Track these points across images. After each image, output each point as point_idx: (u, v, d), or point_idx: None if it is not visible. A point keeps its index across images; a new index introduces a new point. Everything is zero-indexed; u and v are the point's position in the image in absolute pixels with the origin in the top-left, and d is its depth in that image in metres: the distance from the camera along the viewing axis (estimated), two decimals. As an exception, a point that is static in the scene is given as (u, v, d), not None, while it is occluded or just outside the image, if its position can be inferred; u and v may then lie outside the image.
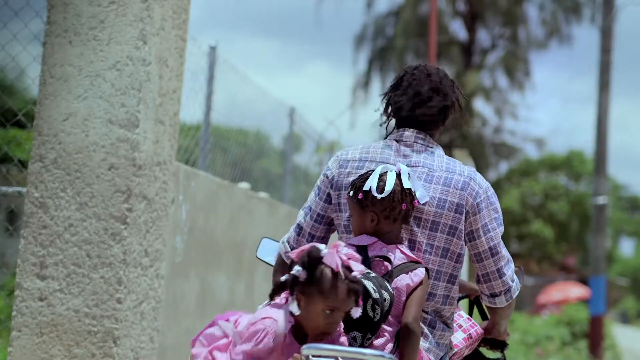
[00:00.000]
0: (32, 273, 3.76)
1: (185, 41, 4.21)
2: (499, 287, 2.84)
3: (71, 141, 3.78)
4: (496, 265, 2.81)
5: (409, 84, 2.87)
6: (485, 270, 2.82)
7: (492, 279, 2.83)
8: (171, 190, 4.17)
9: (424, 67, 2.92)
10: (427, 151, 2.83)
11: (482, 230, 2.78)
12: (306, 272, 2.45)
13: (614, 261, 46.18)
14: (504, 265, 2.82)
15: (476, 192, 2.78)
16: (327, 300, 2.43)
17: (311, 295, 2.45)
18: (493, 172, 29.72)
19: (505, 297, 2.86)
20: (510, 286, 2.85)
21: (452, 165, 2.82)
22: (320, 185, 2.90)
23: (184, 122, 6.04)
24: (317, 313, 2.45)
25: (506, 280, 2.83)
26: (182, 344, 5.32)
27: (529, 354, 14.29)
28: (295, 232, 2.93)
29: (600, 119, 15.73)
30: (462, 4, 27.84)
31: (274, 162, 9.38)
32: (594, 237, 15.65)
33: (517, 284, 2.90)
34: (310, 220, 2.90)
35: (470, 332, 3.00)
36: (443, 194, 2.75)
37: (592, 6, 26.17)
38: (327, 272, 2.44)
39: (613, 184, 39.86)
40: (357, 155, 2.85)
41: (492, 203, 2.81)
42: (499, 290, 2.84)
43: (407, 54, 27.23)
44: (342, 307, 2.45)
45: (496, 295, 2.86)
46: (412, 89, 2.86)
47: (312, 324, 2.47)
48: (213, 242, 5.82)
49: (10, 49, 4.70)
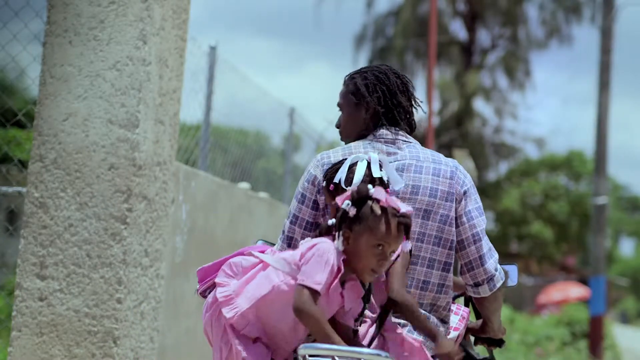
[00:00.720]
0: (32, 273, 3.76)
1: (185, 41, 4.21)
2: (481, 275, 2.84)
3: (71, 141, 3.78)
4: (478, 253, 2.83)
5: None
6: (468, 259, 2.84)
7: (474, 267, 2.84)
8: (171, 190, 4.17)
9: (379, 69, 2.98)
10: (409, 145, 2.88)
11: (466, 217, 2.82)
12: (355, 208, 2.48)
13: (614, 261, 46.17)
14: (486, 253, 2.84)
15: (462, 181, 2.85)
16: (376, 234, 2.48)
17: (360, 231, 2.49)
18: (493, 172, 29.73)
19: (489, 286, 2.86)
20: (493, 274, 2.86)
21: (437, 157, 2.88)
22: (305, 192, 2.85)
23: (184, 122, 6.04)
24: (367, 249, 2.49)
25: (488, 268, 2.84)
26: (182, 344, 5.32)
27: (529, 354, 14.29)
28: (285, 243, 2.87)
29: (600, 119, 15.72)
30: (462, 4, 27.84)
31: (274, 162, 9.38)
32: (594, 237, 15.64)
33: (501, 274, 2.90)
34: (299, 229, 2.84)
35: (461, 313, 3.01)
36: (434, 183, 2.80)
37: (592, 6, 26.18)
38: (377, 207, 2.49)
39: (613, 184, 39.86)
40: (340, 157, 2.82)
41: (474, 192, 2.88)
42: (482, 279, 2.85)
43: (407, 54, 27.24)
44: (391, 241, 2.50)
45: (479, 284, 2.86)
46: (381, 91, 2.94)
47: (362, 261, 2.50)
48: (213, 242, 5.82)
49: (10, 49, 4.70)
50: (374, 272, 2.52)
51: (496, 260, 2.89)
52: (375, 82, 2.90)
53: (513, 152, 29.60)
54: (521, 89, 27.78)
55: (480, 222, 2.84)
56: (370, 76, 2.91)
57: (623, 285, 46.95)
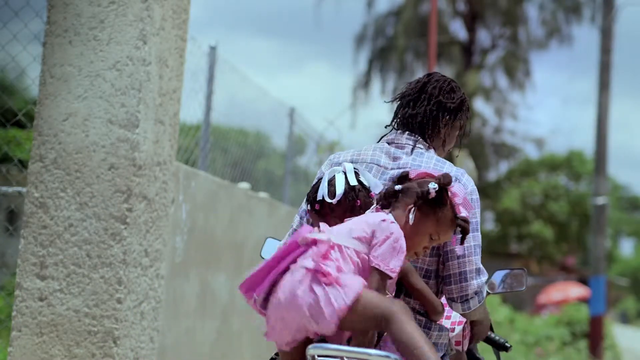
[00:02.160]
0: (32, 273, 3.76)
1: (185, 41, 4.21)
2: (458, 291, 2.73)
3: (71, 141, 3.78)
4: (459, 269, 2.72)
5: (409, 93, 2.96)
6: (452, 271, 2.73)
7: (452, 282, 2.73)
8: (171, 190, 4.17)
9: (435, 76, 2.98)
10: (416, 153, 2.85)
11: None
12: (437, 192, 2.53)
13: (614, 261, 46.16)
14: (469, 271, 2.72)
15: (465, 187, 2.78)
16: (440, 225, 2.54)
17: (429, 215, 2.53)
18: (493, 172, 29.72)
19: (462, 307, 2.76)
20: (469, 297, 2.74)
21: (440, 166, 2.82)
22: None
23: (184, 122, 6.04)
24: (425, 234, 2.54)
25: (466, 287, 2.72)
26: (182, 344, 5.32)
27: (529, 354, 14.29)
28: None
29: (600, 119, 15.73)
30: (462, 4, 27.84)
31: (274, 162, 9.38)
32: (594, 237, 15.64)
33: (481, 296, 2.78)
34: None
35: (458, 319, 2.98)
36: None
37: (592, 6, 26.17)
38: (450, 201, 2.56)
39: (613, 184, 39.85)
40: (349, 158, 2.86)
41: (472, 207, 2.76)
42: (456, 296, 2.74)
43: (408, 54, 27.24)
44: (444, 238, 2.57)
45: (453, 300, 2.76)
46: (409, 96, 2.94)
47: (414, 242, 2.53)
48: (213, 242, 5.82)
49: (10, 49, 4.70)
50: (416, 256, 2.57)
51: (479, 285, 2.75)
52: (405, 88, 2.96)
53: (513, 152, 29.60)
54: (521, 89, 27.78)
55: (475, 237, 2.74)
56: (409, 84, 2.97)
57: (623, 285, 46.95)
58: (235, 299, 6.25)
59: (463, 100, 2.93)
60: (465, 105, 2.94)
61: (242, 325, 6.39)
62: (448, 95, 2.92)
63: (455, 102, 2.92)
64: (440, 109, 2.90)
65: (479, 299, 2.77)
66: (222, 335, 6.02)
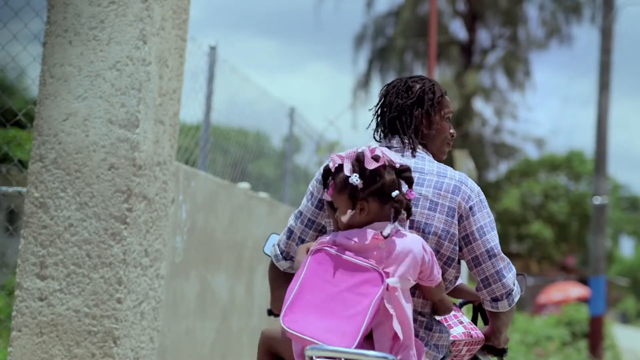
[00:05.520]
0: (32, 273, 3.76)
1: (185, 41, 4.21)
2: (500, 290, 2.80)
3: (71, 141, 3.78)
4: (495, 268, 2.78)
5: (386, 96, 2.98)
6: (485, 274, 2.79)
7: (492, 282, 2.79)
8: (171, 190, 4.17)
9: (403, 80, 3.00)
10: (417, 157, 2.84)
11: (478, 233, 2.76)
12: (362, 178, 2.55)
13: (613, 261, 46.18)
14: (504, 267, 2.79)
15: (468, 196, 2.77)
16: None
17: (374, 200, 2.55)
18: (493, 172, 29.74)
19: (508, 301, 2.83)
20: (512, 289, 2.82)
21: (443, 170, 2.82)
22: (313, 190, 2.86)
23: (184, 122, 6.04)
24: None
25: (507, 282, 2.80)
26: (182, 343, 5.32)
27: (529, 354, 14.29)
28: (286, 235, 2.90)
29: (600, 119, 15.73)
30: (462, 4, 27.86)
31: (274, 162, 9.38)
32: (594, 237, 15.65)
33: (518, 288, 2.88)
34: (300, 225, 2.86)
35: (471, 332, 3.00)
36: (434, 197, 2.74)
37: (592, 6, 26.20)
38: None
39: (613, 184, 39.86)
40: None
41: (485, 207, 2.80)
42: (500, 294, 2.81)
43: (407, 54, 27.26)
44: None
45: (498, 299, 2.82)
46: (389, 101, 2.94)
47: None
48: (213, 242, 5.82)
49: (10, 49, 4.70)
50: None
51: (514, 275, 2.84)
52: (390, 90, 2.95)
53: (513, 152, 29.63)
54: (521, 89, 27.81)
55: (493, 237, 2.78)
56: (393, 86, 2.97)
57: (623, 285, 46.95)
58: (235, 299, 6.25)
59: (423, 90, 2.91)
60: (428, 94, 2.91)
61: (242, 325, 6.39)
62: (405, 94, 2.92)
63: (414, 96, 2.90)
64: (404, 109, 2.90)
65: (518, 290, 2.88)
66: (221, 335, 6.02)
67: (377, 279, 2.40)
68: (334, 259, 2.44)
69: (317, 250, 2.47)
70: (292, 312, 2.40)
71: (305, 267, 2.45)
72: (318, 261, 2.45)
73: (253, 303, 6.59)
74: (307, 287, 2.42)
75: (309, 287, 2.41)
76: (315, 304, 2.40)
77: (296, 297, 2.41)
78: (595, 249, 15.59)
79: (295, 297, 2.41)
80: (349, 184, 2.49)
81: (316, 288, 2.41)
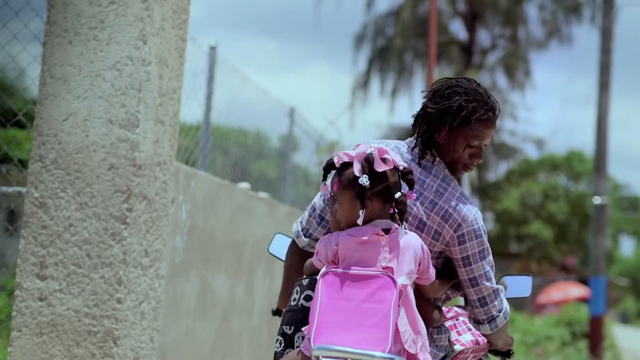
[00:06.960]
0: (32, 273, 3.76)
1: (185, 41, 4.21)
2: (481, 315, 2.81)
3: (71, 141, 3.78)
4: (477, 295, 2.77)
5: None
6: (468, 297, 2.81)
7: (474, 307, 2.80)
8: (171, 190, 4.17)
9: (454, 81, 2.82)
10: (423, 166, 2.77)
11: (462, 262, 2.72)
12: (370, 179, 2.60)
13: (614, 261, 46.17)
14: (487, 296, 2.77)
15: (458, 224, 2.69)
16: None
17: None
18: (493, 173, 29.74)
19: (490, 326, 2.82)
20: (494, 316, 2.81)
21: (443, 189, 2.73)
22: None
23: (184, 122, 6.03)
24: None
25: (489, 310, 2.79)
26: (182, 344, 5.32)
27: (529, 354, 14.29)
28: (308, 212, 2.92)
29: (600, 119, 15.72)
30: (462, 4, 27.85)
31: (274, 162, 9.37)
32: (594, 237, 15.64)
33: (506, 312, 2.85)
34: (322, 203, 2.87)
35: (478, 339, 2.99)
36: (424, 217, 2.70)
37: (592, 6, 26.19)
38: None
39: (613, 184, 39.85)
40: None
41: (477, 236, 2.71)
42: (482, 318, 2.82)
43: (407, 54, 27.25)
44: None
45: (480, 322, 2.83)
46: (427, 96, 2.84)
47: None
48: (213, 242, 5.82)
49: (10, 49, 4.69)
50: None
51: (501, 302, 2.81)
52: (438, 87, 2.80)
53: (513, 153, 29.63)
54: (521, 89, 27.81)
55: (479, 267, 2.73)
56: (443, 84, 2.80)
57: (623, 285, 46.95)
58: (235, 299, 6.25)
59: (459, 105, 2.70)
60: (462, 111, 2.70)
61: (242, 325, 6.39)
62: (439, 98, 2.76)
63: (439, 109, 2.74)
64: (428, 115, 2.77)
65: (505, 314, 2.85)
66: (221, 335, 6.02)
67: (389, 282, 2.45)
68: (343, 277, 2.49)
69: (324, 274, 2.52)
70: (321, 335, 2.43)
71: (320, 293, 2.49)
72: (329, 284, 2.50)
73: (253, 303, 6.59)
74: (326, 311, 2.46)
75: (328, 311, 2.46)
76: (339, 323, 2.44)
77: (320, 324, 2.45)
78: (595, 249, 15.58)
79: (319, 324, 2.45)
80: (357, 184, 2.53)
81: (335, 308, 2.46)
